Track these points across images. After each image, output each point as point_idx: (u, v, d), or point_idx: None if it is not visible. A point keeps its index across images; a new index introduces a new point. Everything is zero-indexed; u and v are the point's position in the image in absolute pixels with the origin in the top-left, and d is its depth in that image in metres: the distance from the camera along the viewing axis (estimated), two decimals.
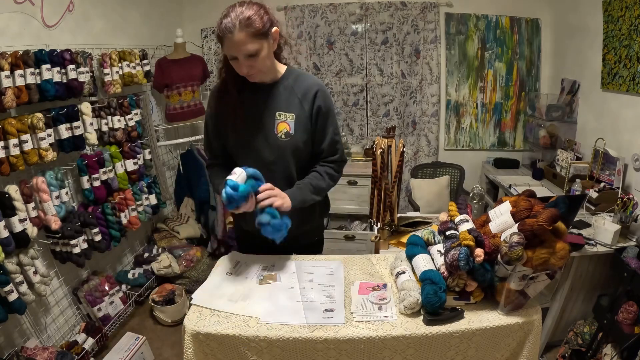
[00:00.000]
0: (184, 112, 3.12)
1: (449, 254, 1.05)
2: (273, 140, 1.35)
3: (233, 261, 1.38)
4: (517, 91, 3.46)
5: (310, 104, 1.36)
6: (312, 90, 1.36)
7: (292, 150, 1.36)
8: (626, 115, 2.38)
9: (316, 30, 3.43)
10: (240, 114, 1.35)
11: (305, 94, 1.36)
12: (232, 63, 1.26)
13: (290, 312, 1.11)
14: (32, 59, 1.87)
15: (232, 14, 1.18)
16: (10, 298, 1.76)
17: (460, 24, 3.35)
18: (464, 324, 1.04)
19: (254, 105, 1.36)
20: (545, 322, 2.14)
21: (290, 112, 1.35)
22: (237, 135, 1.38)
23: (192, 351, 1.07)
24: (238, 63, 1.24)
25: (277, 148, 1.35)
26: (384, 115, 3.59)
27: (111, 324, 2.40)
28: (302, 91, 1.36)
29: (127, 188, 2.56)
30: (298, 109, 1.35)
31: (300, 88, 1.36)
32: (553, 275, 1.05)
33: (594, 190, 2.30)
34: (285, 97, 1.35)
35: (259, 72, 1.28)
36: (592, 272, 2.04)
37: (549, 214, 1.00)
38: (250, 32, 1.18)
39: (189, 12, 3.52)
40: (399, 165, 1.56)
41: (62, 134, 2.04)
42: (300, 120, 1.35)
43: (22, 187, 1.85)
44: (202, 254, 2.98)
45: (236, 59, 1.23)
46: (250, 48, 1.20)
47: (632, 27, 2.27)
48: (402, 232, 1.64)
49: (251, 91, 1.35)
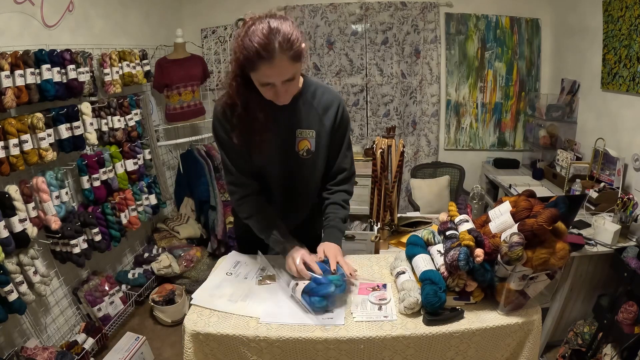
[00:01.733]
0: (184, 112, 3.12)
1: (449, 254, 1.05)
2: (295, 159, 1.29)
3: (233, 261, 1.38)
4: (517, 91, 3.46)
5: (332, 120, 1.29)
6: (333, 106, 1.29)
7: (314, 168, 1.33)
8: (626, 115, 2.38)
9: (316, 30, 3.43)
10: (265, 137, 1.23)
11: (326, 110, 1.29)
12: (263, 89, 1.12)
13: (290, 312, 1.10)
14: (32, 59, 1.87)
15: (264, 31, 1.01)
16: (10, 298, 1.76)
17: (460, 24, 3.35)
18: (464, 324, 1.04)
19: (275, 123, 1.24)
20: (545, 322, 2.13)
21: (311, 129, 1.28)
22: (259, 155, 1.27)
23: (192, 351, 1.07)
24: (272, 89, 1.11)
25: (299, 166, 1.31)
26: (384, 115, 3.59)
27: (111, 324, 2.40)
28: (323, 106, 1.28)
29: (127, 188, 2.56)
30: (318, 125, 1.28)
31: (321, 103, 1.28)
32: (553, 275, 1.05)
33: (594, 190, 2.30)
34: (305, 113, 1.27)
35: (290, 96, 1.17)
36: (592, 272, 2.04)
37: (549, 214, 1.00)
38: (291, 55, 1.04)
39: (189, 12, 3.52)
40: (399, 165, 1.56)
41: (62, 134, 2.04)
42: (320, 137, 1.29)
43: (22, 187, 1.85)
44: (202, 254, 2.98)
45: (269, 84, 1.09)
46: (291, 72, 1.08)
47: (632, 27, 2.27)
48: (402, 232, 1.64)
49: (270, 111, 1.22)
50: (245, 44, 1.04)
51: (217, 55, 3.53)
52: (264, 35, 1.01)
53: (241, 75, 1.14)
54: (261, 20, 1.05)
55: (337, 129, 1.32)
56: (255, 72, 1.07)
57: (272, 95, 1.13)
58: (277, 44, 1.01)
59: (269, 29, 1.02)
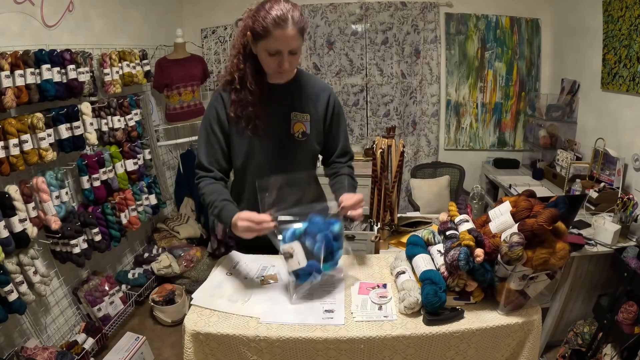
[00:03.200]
0: (184, 112, 3.12)
1: (449, 254, 1.05)
2: (290, 140, 1.36)
3: (233, 261, 1.38)
4: (517, 91, 3.46)
5: (324, 107, 1.39)
6: (324, 93, 1.39)
7: (308, 149, 1.40)
8: (626, 115, 2.38)
9: (316, 30, 3.43)
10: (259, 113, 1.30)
11: (317, 97, 1.38)
12: (269, 59, 1.21)
13: (290, 312, 1.10)
14: (32, 59, 1.87)
15: (281, 7, 1.16)
16: (10, 298, 1.76)
17: (460, 24, 3.35)
18: (464, 324, 1.04)
19: (270, 104, 1.33)
20: (545, 322, 2.14)
21: (305, 113, 1.36)
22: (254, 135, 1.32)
23: (192, 351, 1.07)
24: (278, 58, 1.21)
25: (295, 148, 1.37)
26: (384, 115, 3.59)
27: (111, 324, 2.40)
28: (315, 93, 1.38)
29: (127, 188, 2.56)
30: (312, 110, 1.37)
31: (313, 90, 1.38)
32: (553, 275, 1.05)
33: (594, 190, 2.30)
34: (298, 98, 1.36)
35: (292, 71, 1.30)
36: (592, 272, 2.04)
37: (549, 214, 1.00)
38: (299, 28, 1.18)
39: (189, 12, 3.52)
40: (399, 165, 1.55)
41: (62, 134, 2.04)
42: (314, 121, 1.38)
43: (22, 187, 1.85)
44: (202, 254, 2.98)
45: (277, 54, 1.20)
46: (298, 44, 1.21)
47: (632, 27, 2.27)
48: (402, 232, 1.64)
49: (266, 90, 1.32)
50: (261, 14, 1.16)
51: (217, 55, 3.53)
52: (280, 9, 1.16)
53: (244, 53, 1.26)
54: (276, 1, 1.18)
55: (332, 116, 1.41)
56: (266, 39, 1.18)
57: (275, 67, 1.22)
58: (291, 16, 1.16)
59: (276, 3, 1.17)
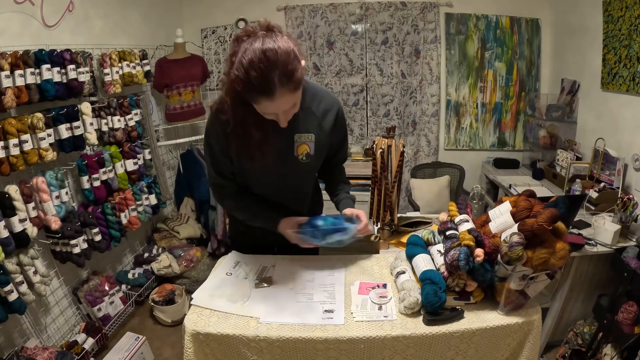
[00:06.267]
0: (184, 112, 3.11)
1: (449, 254, 1.05)
2: (294, 163, 1.29)
3: (233, 261, 1.38)
4: (517, 91, 3.46)
5: (330, 125, 1.30)
6: (331, 112, 1.30)
7: (312, 171, 1.38)
8: (626, 115, 2.38)
9: (316, 30, 3.43)
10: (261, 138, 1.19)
11: (324, 115, 1.29)
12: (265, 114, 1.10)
13: (290, 312, 1.11)
14: (32, 59, 1.87)
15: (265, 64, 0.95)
16: (10, 298, 1.76)
17: (460, 24, 3.35)
18: (464, 324, 1.04)
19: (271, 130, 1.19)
20: (545, 322, 2.13)
21: (310, 133, 1.27)
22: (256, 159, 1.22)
23: (192, 351, 1.07)
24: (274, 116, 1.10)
25: (298, 170, 1.32)
26: (384, 115, 3.59)
27: (111, 324, 2.40)
28: (322, 112, 1.28)
29: (127, 188, 2.56)
30: (317, 129, 1.28)
31: (320, 109, 1.28)
32: (553, 275, 1.05)
33: (594, 190, 2.30)
34: (303, 118, 1.25)
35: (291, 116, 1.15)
36: (592, 272, 2.04)
37: (549, 214, 1.00)
38: (292, 87, 1.01)
39: (189, 12, 3.52)
40: (399, 165, 1.55)
41: (62, 134, 2.04)
42: (319, 140, 1.30)
43: (22, 187, 1.85)
44: (202, 254, 2.98)
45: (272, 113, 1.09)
46: (292, 102, 1.07)
47: (632, 27, 2.27)
48: (402, 232, 1.64)
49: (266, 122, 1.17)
50: (241, 75, 0.97)
51: (217, 55, 3.53)
52: (260, 69, 0.95)
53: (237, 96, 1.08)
54: (255, 39, 0.99)
55: (338, 131, 1.36)
56: (255, 104, 1.06)
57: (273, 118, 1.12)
58: (276, 79, 0.97)
59: (265, 59, 0.95)
